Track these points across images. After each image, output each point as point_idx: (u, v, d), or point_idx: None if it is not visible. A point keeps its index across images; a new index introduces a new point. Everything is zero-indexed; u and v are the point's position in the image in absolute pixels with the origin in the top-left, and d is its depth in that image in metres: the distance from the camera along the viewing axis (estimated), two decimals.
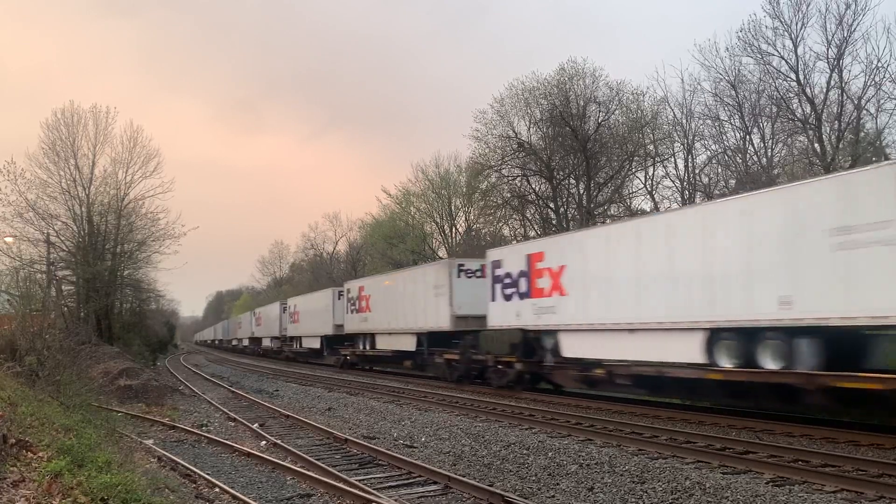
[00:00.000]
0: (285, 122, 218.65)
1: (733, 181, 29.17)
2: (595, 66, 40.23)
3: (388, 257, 48.61)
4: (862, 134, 26.23)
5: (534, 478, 9.79)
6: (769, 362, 12.01)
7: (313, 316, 39.90)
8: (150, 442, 12.76)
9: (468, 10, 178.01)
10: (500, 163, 37.23)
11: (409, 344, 26.50)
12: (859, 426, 11.70)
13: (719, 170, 31.44)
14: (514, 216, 39.35)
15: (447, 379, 23.02)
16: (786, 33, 26.81)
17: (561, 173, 36.56)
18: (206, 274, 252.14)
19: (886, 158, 26.17)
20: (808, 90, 26.86)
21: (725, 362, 12.83)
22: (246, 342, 65.96)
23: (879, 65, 24.73)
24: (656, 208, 32.32)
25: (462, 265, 23.94)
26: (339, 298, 35.63)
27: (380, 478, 9.80)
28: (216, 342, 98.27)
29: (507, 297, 19.49)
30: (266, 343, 54.83)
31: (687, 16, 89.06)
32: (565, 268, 17.15)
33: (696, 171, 32.57)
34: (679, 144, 33.18)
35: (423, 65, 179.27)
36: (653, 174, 34.68)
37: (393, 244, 48.54)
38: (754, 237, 12.22)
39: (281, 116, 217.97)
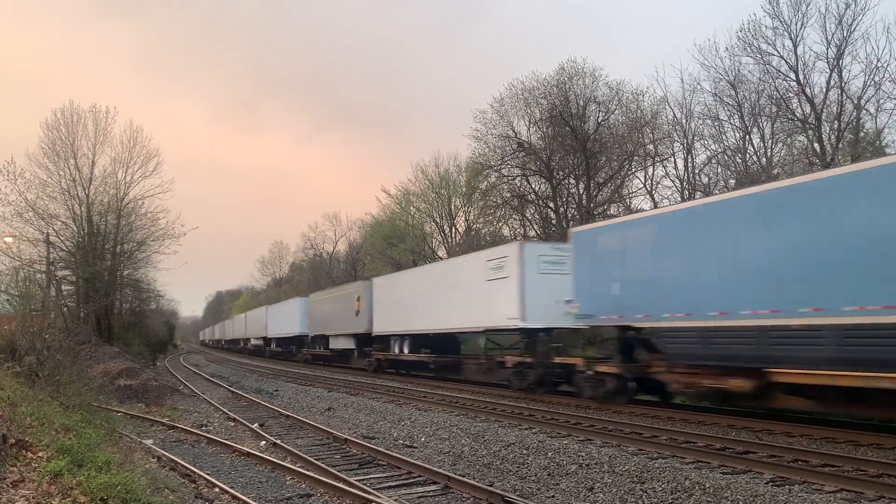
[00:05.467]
0: (285, 122, 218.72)
1: (733, 181, 29.18)
2: (595, 65, 40.31)
3: (387, 257, 48.58)
4: (862, 134, 26.23)
5: (534, 478, 9.79)
6: None
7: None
8: (149, 442, 12.76)
9: (468, 10, 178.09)
10: (499, 163, 37.24)
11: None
12: (859, 426, 11.70)
13: (719, 170, 31.46)
14: (514, 216, 39.37)
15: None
16: (785, 33, 26.84)
17: (561, 173, 36.55)
18: (206, 274, 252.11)
19: None
20: (807, 90, 26.88)
21: None
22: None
23: (879, 64, 24.77)
24: (655, 208, 32.31)
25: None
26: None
27: (379, 478, 9.80)
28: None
29: None
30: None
31: (687, 16, 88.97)
32: None
33: (696, 171, 32.59)
34: (679, 144, 33.21)
35: (423, 64, 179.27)
36: (652, 174, 34.72)
37: (393, 244, 48.50)
38: None
39: (280, 116, 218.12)
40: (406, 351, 27.33)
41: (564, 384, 18.16)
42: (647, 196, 34.61)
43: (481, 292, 21.08)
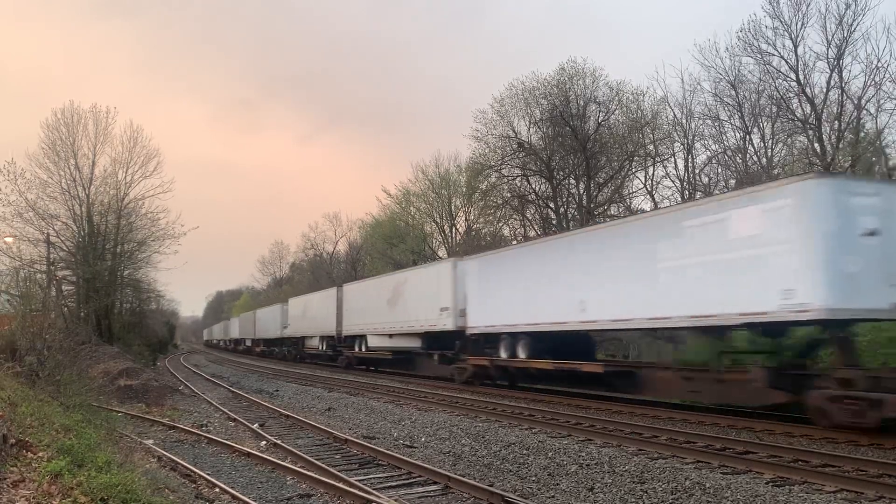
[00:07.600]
0: (285, 122, 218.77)
1: (733, 181, 29.16)
2: (595, 66, 40.24)
3: (388, 257, 48.58)
4: (862, 134, 26.19)
5: (534, 478, 9.80)
6: None
7: None
8: (150, 442, 12.76)
9: (468, 10, 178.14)
10: (500, 163, 37.24)
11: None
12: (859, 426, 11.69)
13: (719, 170, 31.42)
14: (514, 216, 39.37)
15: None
16: (786, 33, 26.78)
17: (561, 173, 36.56)
18: (206, 274, 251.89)
19: (886, 158, 26.18)
20: (808, 90, 26.83)
21: None
22: None
23: (879, 65, 24.70)
24: (656, 208, 32.28)
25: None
26: None
27: (380, 478, 9.80)
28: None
29: None
30: None
31: (687, 16, 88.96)
32: None
33: (696, 171, 32.57)
34: (679, 144, 33.18)
35: (423, 64, 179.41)
36: (653, 174, 34.69)
37: (393, 244, 48.51)
38: None
39: (281, 116, 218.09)
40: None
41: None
42: (648, 196, 34.65)
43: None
